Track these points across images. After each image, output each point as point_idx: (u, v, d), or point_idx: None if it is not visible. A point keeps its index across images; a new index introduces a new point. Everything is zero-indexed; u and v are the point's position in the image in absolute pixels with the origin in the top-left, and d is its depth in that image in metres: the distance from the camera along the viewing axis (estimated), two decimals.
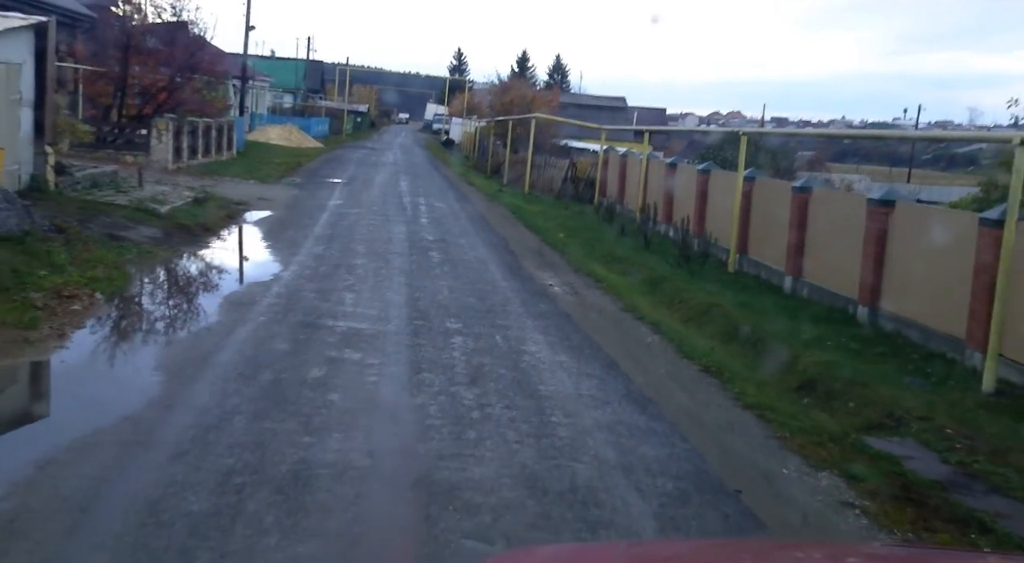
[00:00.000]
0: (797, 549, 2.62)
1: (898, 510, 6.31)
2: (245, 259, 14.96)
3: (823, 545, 3.56)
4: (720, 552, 2.46)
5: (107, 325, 9.75)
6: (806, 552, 2.47)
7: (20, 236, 12.18)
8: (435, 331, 10.39)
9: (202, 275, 13.31)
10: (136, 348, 9.16)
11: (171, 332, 9.84)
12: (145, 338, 9.57)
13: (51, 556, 4.74)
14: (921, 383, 10.02)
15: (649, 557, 2.36)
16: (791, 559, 2.33)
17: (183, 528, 5.13)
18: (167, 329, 10.01)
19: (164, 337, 9.60)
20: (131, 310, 10.66)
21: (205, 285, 12.54)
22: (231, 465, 6.06)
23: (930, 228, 12.00)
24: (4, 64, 15.46)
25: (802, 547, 2.81)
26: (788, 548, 2.70)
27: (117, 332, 9.64)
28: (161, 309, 11.06)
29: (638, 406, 8.22)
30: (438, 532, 5.34)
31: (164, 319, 10.54)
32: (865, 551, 2.75)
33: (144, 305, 11.11)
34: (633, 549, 2.76)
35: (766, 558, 2.33)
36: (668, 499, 6.14)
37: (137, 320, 10.29)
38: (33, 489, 5.53)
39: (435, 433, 7.02)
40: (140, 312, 10.71)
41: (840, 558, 2.45)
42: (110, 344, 9.18)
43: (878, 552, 2.71)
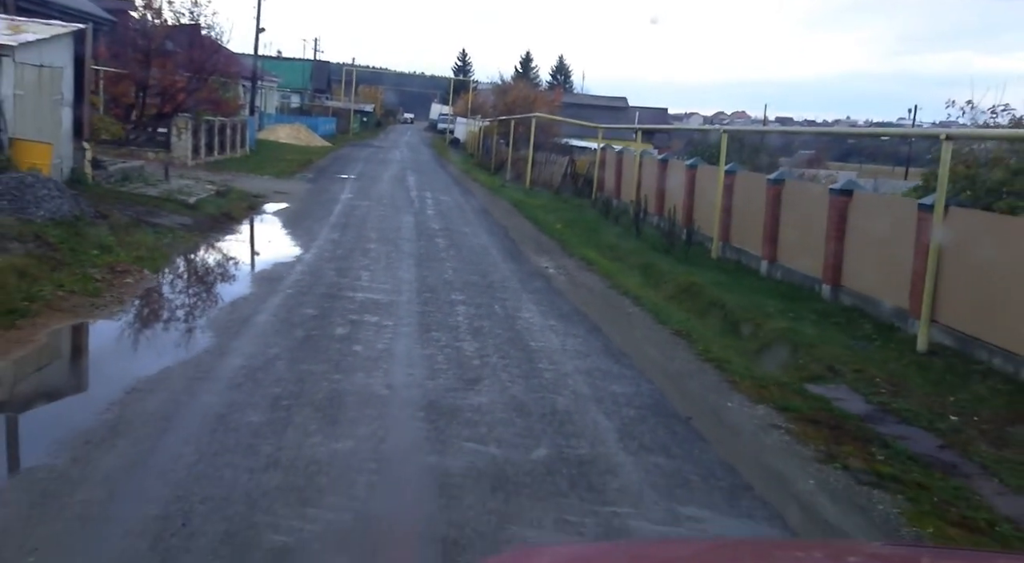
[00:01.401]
0: (797, 548, 2.66)
1: (816, 432, 7.79)
2: (269, 243, 16.46)
3: (824, 544, 3.64)
4: (720, 552, 2.46)
5: (158, 294, 11.29)
6: (807, 552, 2.49)
7: (72, 221, 13.71)
8: (441, 301, 11.90)
9: (233, 256, 14.83)
10: (185, 312, 10.69)
11: (213, 300, 11.36)
12: (192, 304, 11.10)
13: (150, 446, 6.24)
14: (865, 345, 11.50)
15: (649, 557, 2.36)
16: (791, 559, 2.34)
17: (247, 432, 6.63)
18: (209, 298, 11.54)
19: (208, 304, 11.13)
20: (176, 283, 12.20)
21: (236, 264, 14.05)
22: (278, 393, 7.56)
23: (881, 214, 13.46)
24: (48, 68, 17.00)
25: (802, 547, 2.90)
26: (788, 548, 2.74)
27: (167, 299, 11.18)
28: (201, 283, 12.59)
29: (613, 358, 9.72)
30: (444, 438, 6.83)
31: (205, 290, 12.07)
32: (866, 550, 2.71)
33: (186, 279, 12.64)
34: (633, 549, 2.76)
35: (766, 558, 2.32)
36: (629, 421, 7.63)
37: (182, 291, 11.84)
38: (125, 407, 7.03)
39: (441, 374, 8.53)
40: (184, 285, 12.24)
41: (841, 557, 2.44)
42: (163, 308, 10.72)
43: (880, 552, 2.66)
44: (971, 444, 7.96)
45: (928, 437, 8.12)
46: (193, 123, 29.69)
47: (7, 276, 10.17)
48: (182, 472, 5.83)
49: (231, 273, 13.33)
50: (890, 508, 6.25)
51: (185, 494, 5.48)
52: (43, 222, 13.07)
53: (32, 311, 9.37)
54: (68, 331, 9.25)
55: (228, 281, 12.68)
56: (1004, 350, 10.33)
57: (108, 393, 7.38)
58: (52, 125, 17.26)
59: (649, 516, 5.72)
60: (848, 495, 6.47)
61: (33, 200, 13.56)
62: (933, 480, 6.91)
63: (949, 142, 11.12)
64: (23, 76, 15.93)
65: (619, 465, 6.57)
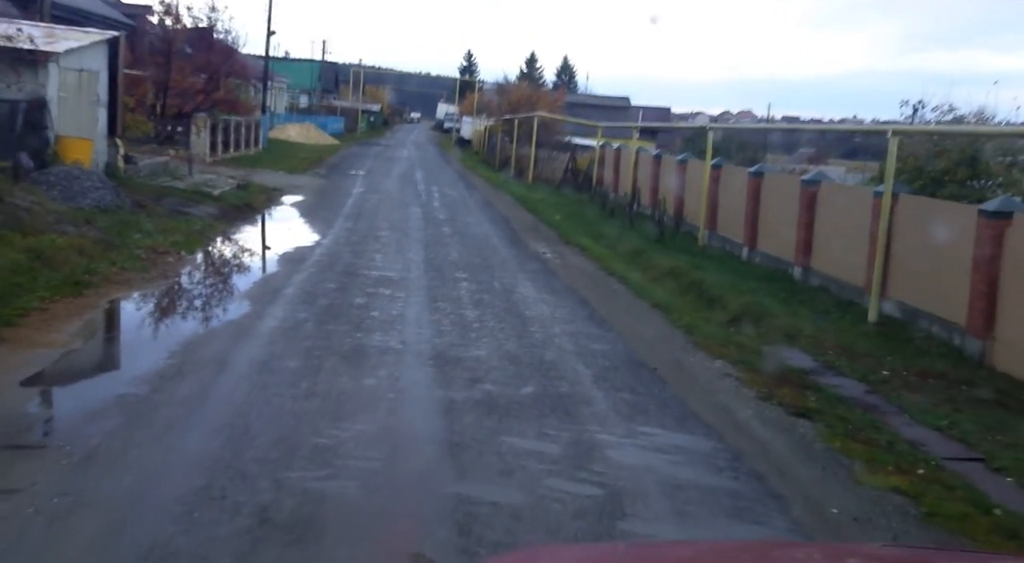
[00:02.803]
0: (798, 550, 2.66)
1: (762, 378, 9.24)
2: (289, 230, 17.96)
3: (824, 546, 3.60)
4: (720, 553, 2.47)
5: (197, 271, 12.82)
6: (807, 553, 2.49)
7: (115, 209, 15.25)
8: (447, 278, 13.39)
9: (258, 241, 16.36)
10: (222, 285, 12.23)
11: (245, 277, 12.88)
12: (227, 280, 12.63)
13: (212, 382, 7.72)
14: (822, 317, 12.95)
15: (649, 558, 2.36)
16: (791, 560, 2.34)
17: (287, 372, 8.11)
18: (242, 275, 13.06)
19: (241, 279, 12.64)
20: (211, 262, 13.72)
21: (262, 247, 15.57)
22: (309, 346, 9.05)
23: (843, 202, 14.91)
24: (87, 72, 18.54)
25: (803, 548, 2.90)
26: (788, 548, 2.72)
27: (206, 275, 12.69)
28: (233, 262, 14.12)
29: (596, 323, 11.21)
30: (449, 378, 8.31)
31: (237, 269, 13.59)
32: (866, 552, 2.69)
33: (220, 259, 14.16)
34: (633, 550, 2.74)
35: (766, 559, 2.32)
36: (603, 369, 9.10)
37: (218, 269, 13.36)
38: (184, 355, 8.52)
39: (446, 334, 10.02)
40: (218, 264, 13.76)
41: (841, 558, 2.44)
42: (203, 282, 12.25)
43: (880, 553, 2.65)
44: (894, 391, 9.40)
45: (859, 386, 9.57)
46: (211, 122, 31.22)
47: (69, 253, 11.71)
48: (239, 399, 7.32)
49: (258, 255, 14.86)
50: (809, 431, 7.71)
51: (244, 412, 6.97)
52: (90, 209, 14.61)
53: (93, 283, 10.88)
54: (127, 298, 10.75)
55: (256, 261, 14.20)
56: (941, 319, 11.78)
57: (169, 345, 8.89)
58: (90, 123, 18.80)
59: (612, 432, 7.19)
60: (777, 422, 7.94)
61: (80, 190, 15.10)
62: (853, 414, 8.36)
63: (895, 137, 12.55)
64: (66, 79, 17.46)
65: (592, 398, 8.05)
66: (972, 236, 10.99)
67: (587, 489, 5.98)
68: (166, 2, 32.74)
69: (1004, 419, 8.64)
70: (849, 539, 5.67)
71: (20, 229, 12.30)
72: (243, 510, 5.29)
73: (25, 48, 15.39)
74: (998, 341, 10.58)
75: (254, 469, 5.88)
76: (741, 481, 6.42)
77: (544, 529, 5.33)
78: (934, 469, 7.09)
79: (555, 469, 6.30)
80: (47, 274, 10.61)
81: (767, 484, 6.40)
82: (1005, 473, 7.22)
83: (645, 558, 2.37)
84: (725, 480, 6.41)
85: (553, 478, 6.13)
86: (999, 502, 6.48)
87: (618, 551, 2.69)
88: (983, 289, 10.80)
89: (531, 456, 6.50)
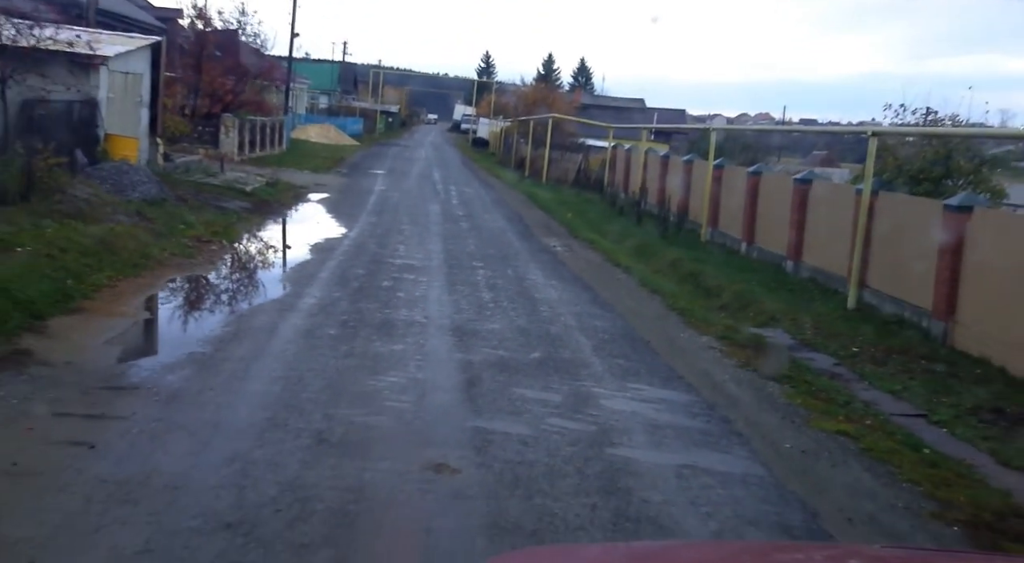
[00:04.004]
0: (798, 551, 2.66)
1: (742, 352, 10.48)
2: (318, 223, 19.32)
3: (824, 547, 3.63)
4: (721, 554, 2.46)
5: (239, 257, 14.18)
6: (807, 554, 2.49)
7: (160, 203, 16.63)
8: (464, 266, 14.70)
9: (290, 232, 17.71)
10: (263, 270, 13.58)
11: (282, 263, 14.21)
12: (266, 265, 13.99)
13: (265, 345, 9.03)
14: (807, 304, 14.16)
15: (649, 558, 2.36)
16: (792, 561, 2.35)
17: (328, 338, 9.43)
18: (278, 261, 14.40)
19: (278, 265, 13.99)
20: (250, 250, 15.09)
21: (295, 238, 16.90)
22: (345, 318, 10.36)
23: (830, 198, 16.12)
24: (132, 74, 19.96)
25: (803, 548, 2.91)
26: (789, 550, 2.73)
27: (247, 261, 14.05)
28: (270, 250, 15.47)
29: (599, 305, 12.49)
30: (467, 345, 9.61)
31: (274, 256, 14.94)
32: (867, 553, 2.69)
33: (257, 248, 15.52)
34: (633, 550, 2.76)
35: (767, 559, 2.32)
36: (602, 341, 10.38)
37: (257, 256, 14.71)
38: (239, 324, 9.86)
39: (464, 311, 11.32)
40: (257, 251, 15.12)
41: (841, 559, 2.43)
42: (245, 266, 13.61)
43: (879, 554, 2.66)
44: (860, 364, 10.63)
45: (829, 359, 10.80)
46: (238, 122, 32.67)
47: (126, 240, 13.08)
48: (290, 357, 8.64)
49: (292, 244, 16.20)
50: (777, 391, 8.97)
51: (295, 367, 8.29)
52: (139, 202, 15.98)
53: (149, 266, 12.24)
54: (181, 279, 12.11)
55: (291, 250, 15.54)
56: (912, 304, 12.98)
57: (223, 317, 10.26)
58: (134, 123, 20.23)
59: (605, 387, 8.47)
60: (750, 383, 9.20)
61: (129, 184, 16.49)
62: (819, 380, 9.60)
63: (874, 138, 13.77)
64: (114, 82, 18.87)
65: (590, 362, 9.33)
66: (938, 228, 12.18)
67: (582, 426, 7.27)
68: (198, 6, 34.22)
69: (953, 386, 9.84)
70: (796, 466, 6.93)
71: (81, 218, 13.68)
72: (303, 434, 6.60)
73: (81, 53, 16.77)
74: (958, 323, 11.77)
75: (309, 407, 7.20)
76: (712, 424, 7.69)
77: (545, 451, 6.62)
78: (880, 421, 8.32)
79: (556, 412, 7.59)
80: (110, 257, 11.96)
81: (733, 426, 7.67)
82: (942, 425, 8.44)
83: (645, 559, 2.36)
84: (698, 423, 7.69)
85: (554, 418, 7.42)
86: (930, 444, 7.72)
87: (617, 552, 2.62)
88: (946, 276, 11.99)
89: (537, 402, 7.79)
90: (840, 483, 6.66)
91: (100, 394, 7.17)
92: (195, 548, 4.86)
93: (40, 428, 6.35)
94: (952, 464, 7.24)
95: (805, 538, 5.61)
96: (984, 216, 11.84)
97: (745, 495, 6.18)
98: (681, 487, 6.20)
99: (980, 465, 7.35)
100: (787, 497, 6.21)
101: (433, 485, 5.90)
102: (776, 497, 6.19)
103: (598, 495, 5.93)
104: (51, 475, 5.63)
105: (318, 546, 4.99)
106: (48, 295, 9.42)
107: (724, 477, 6.45)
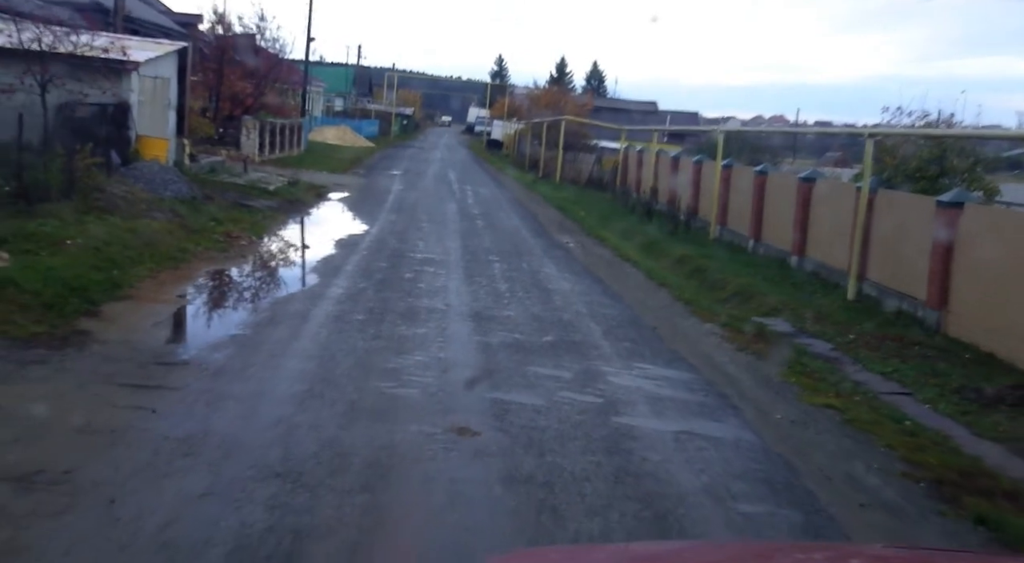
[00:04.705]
0: (798, 551, 2.69)
1: (743, 338, 11.16)
2: (340, 221, 20.12)
3: (824, 547, 3.62)
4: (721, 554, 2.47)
5: (268, 251, 14.98)
6: (807, 554, 2.51)
7: (190, 200, 17.44)
8: (481, 260, 15.44)
9: (314, 229, 18.51)
10: (292, 262, 14.35)
11: (308, 257, 14.98)
12: (294, 258, 14.77)
13: (299, 328, 9.79)
14: (808, 296, 14.82)
15: (649, 559, 2.37)
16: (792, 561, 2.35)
17: (356, 323, 10.17)
18: (305, 255, 15.17)
19: (306, 258, 14.76)
20: (279, 245, 15.89)
21: (319, 234, 17.71)
22: (371, 305, 11.11)
23: (832, 196, 16.77)
24: (160, 79, 20.80)
25: (803, 548, 2.94)
26: (789, 550, 2.74)
27: (276, 254, 14.85)
28: (297, 245, 16.26)
29: (608, 296, 13.20)
30: (485, 329, 10.34)
31: (300, 250, 15.72)
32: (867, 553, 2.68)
33: (284, 243, 16.32)
34: (633, 550, 2.76)
35: (767, 560, 2.32)
36: (611, 326, 11.10)
37: (284, 250, 15.50)
38: (273, 311, 10.63)
39: (482, 299, 12.06)
40: (284, 246, 15.91)
41: (842, 560, 2.44)
42: (274, 260, 14.39)
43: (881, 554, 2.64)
44: (855, 350, 11.29)
45: (826, 345, 11.47)
46: (259, 124, 33.55)
47: (163, 235, 13.88)
48: (323, 338, 9.39)
49: (316, 240, 16.98)
50: (772, 372, 9.65)
51: (327, 347, 9.04)
52: (170, 199, 16.79)
53: (186, 259, 13.02)
54: (216, 270, 12.90)
55: (316, 245, 16.31)
56: (908, 296, 13.62)
57: (259, 305, 11.05)
58: (162, 125, 21.07)
59: (612, 366, 9.19)
60: (747, 364, 9.89)
61: (161, 183, 17.31)
62: (813, 363, 10.27)
63: (871, 139, 14.42)
64: (144, 85, 19.72)
65: (599, 345, 10.05)
66: (931, 224, 12.83)
67: (590, 398, 7.99)
68: (218, 12, 35.12)
69: (941, 369, 10.49)
70: (783, 433, 7.62)
71: (119, 214, 14.49)
72: (338, 403, 7.34)
73: (115, 58, 17.61)
74: (951, 312, 12.42)
75: (342, 380, 7.94)
76: (709, 398, 8.39)
77: (556, 418, 7.34)
78: (867, 397, 9.00)
79: (567, 386, 8.31)
80: (149, 251, 12.75)
81: (729, 400, 8.37)
82: (927, 403, 9.11)
83: (644, 560, 2.36)
84: (696, 397, 8.39)
85: (565, 391, 8.14)
86: (911, 418, 8.40)
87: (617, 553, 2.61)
88: (939, 268, 12.63)
89: (549, 378, 8.51)
90: (822, 447, 7.36)
91: (155, 368, 7.93)
92: (250, 491, 5.59)
93: (106, 396, 7.11)
94: (930, 434, 7.91)
95: (788, 494, 6.30)
96: (974, 212, 12.48)
97: (735, 456, 6.88)
98: (678, 449, 6.91)
99: (956, 436, 8.02)
100: (772, 458, 6.91)
101: (456, 445, 6.63)
102: (763, 457, 6.90)
103: (603, 454, 6.65)
104: (121, 433, 6.39)
105: (357, 491, 5.73)
106: (98, 284, 10.20)
107: (717, 441, 7.15)
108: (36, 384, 7.18)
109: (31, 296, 9.14)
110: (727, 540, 5.38)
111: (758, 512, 5.91)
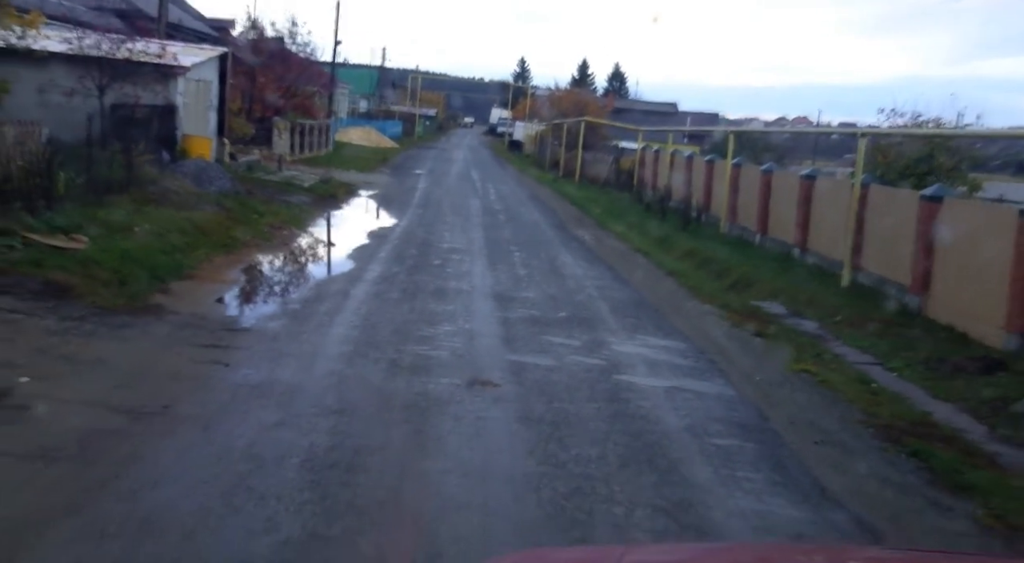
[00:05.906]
0: (798, 551, 2.76)
1: (738, 316, 12.38)
2: (371, 215, 21.52)
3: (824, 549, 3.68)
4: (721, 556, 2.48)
5: (308, 240, 16.38)
6: (807, 556, 2.52)
7: (234, 195, 18.85)
8: (502, 250, 16.76)
9: (347, 222, 19.90)
10: (331, 250, 15.74)
11: (345, 245, 16.36)
12: (332, 246, 16.15)
13: (341, 303, 11.12)
14: (805, 284, 16.00)
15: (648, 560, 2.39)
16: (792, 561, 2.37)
17: (392, 300, 11.50)
18: (342, 243, 16.55)
19: (342, 246, 16.14)
20: (318, 235, 17.28)
21: (352, 226, 19.09)
22: (404, 286, 12.45)
23: (830, 192, 17.94)
24: (203, 82, 22.27)
25: (803, 550, 3.01)
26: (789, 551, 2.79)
27: (316, 243, 16.23)
28: (333, 235, 17.65)
29: (618, 281, 14.48)
30: (506, 307, 11.64)
31: (337, 240, 17.10)
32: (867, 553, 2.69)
33: (323, 232, 17.71)
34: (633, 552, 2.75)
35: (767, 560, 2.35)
36: (618, 306, 12.37)
37: (322, 240, 16.89)
38: (318, 289, 11.98)
39: (503, 282, 13.37)
40: (323, 236, 17.30)
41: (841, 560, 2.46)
42: (315, 247, 15.78)
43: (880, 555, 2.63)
44: (840, 329, 12.48)
45: (815, 324, 12.67)
46: (290, 125, 35.03)
47: (214, 225, 15.29)
48: (364, 312, 10.72)
49: (351, 231, 18.37)
50: (760, 343, 10.89)
51: (368, 317, 10.38)
52: (216, 194, 18.21)
53: (236, 246, 14.42)
54: (264, 257, 14.29)
55: (351, 236, 17.70)
56: (896, 282, 14.78)
57: (304, 284, 12.41)
58: (204, 125, 22.54)
59: (617, 337, 10.46)
60: (739, 337, 11.13)
61: (207, 179, 18.74)
62: (800, 338, 11.48)
63: (864, 138, 15.59)
64: (188, 88, 21.17)
65: (607, 320, 11.33)
66: (915, 216, 14.00)
67: (596, 361, 9.27)
68: (252, 18, 36.66)
69: (915, 344, 11.67)
70: (760, 391, 8.86)
71: (172, 206, 15.91)
72: (380, 361, 8.66)
73: (164, 63, 19.06)
74: (931, 296, 13.58)
75: (383, 343, 9.27)
76: (700, 363, 9.65)
77: (565, 375, 8.63)
78: (842, 365, 10.21)
79: (576, 351, 9.60)
80: (203, 238, 14.15)
81: (717, 365, 9.62)
82: (894, 371, 10.30)
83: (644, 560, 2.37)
84: (688, 362, 9.66)
85: (574, 355, 9.42)
86: (877, 381, 9.61)
87: (617, 553, 2.55)
88: (922, 257, 13.80)
89: (560, 346, 9.79)
90: (792, 401, 8.60)
91: (222, 333, 9.29)
92: (314, 423, 6.91)
93: (186, 353, 8.47)
94: (890, 394, 9.12)
95: (756, 434, 7.53)
96: (952, 206, 13.64)
97: (715, 405, 8.14)
98: (667, 399, 8.18)
99: (914, 397, 9.22)
100: (748, 407, 8.16)
101: (481, 393, 7.93)
102: (740, 407, 8.15)
103: (603, 401, 7.93)
104: (203, 380, 7.75)
105: (401, 422, 7.04)
106: (164, 265, 11.59)
107: (701, 394, 8.42)
108: (127, 343, 8.55)
109: (111, 273, 10.54)
110: (727, 541, 5.51)
111: (729, 445, 7.16)
